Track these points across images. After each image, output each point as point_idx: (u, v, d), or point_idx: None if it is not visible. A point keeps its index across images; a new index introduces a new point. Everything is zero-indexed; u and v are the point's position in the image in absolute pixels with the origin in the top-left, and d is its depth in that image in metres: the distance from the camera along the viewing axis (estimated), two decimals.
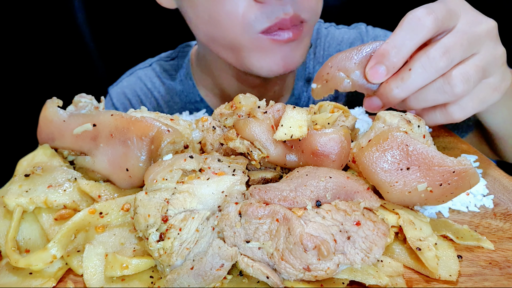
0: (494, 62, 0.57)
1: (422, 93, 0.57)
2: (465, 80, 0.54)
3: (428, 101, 0.58)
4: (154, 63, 1.22)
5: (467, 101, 0.58)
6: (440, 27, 0.54)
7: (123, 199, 0.50)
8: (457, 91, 0.55)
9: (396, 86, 0.56)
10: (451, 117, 0.59)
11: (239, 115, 0.57)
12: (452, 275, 0.42)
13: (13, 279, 0.44)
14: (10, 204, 0.49)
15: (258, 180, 0.53)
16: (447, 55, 0.54)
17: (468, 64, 0.55)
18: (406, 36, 0.54)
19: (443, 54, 0.53)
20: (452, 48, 0.54)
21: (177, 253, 0.41)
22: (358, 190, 0.46)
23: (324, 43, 1.12)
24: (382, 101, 0.60)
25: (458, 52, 0.54)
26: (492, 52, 0.56)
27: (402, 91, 0.56)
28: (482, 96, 0.58)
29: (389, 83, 0.57)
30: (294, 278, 0.41)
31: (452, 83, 0.55)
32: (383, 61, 0.55)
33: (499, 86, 0.58)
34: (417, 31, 0.53)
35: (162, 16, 1.15)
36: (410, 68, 0.55)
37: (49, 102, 0.59)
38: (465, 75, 0.54)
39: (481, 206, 0.56)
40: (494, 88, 0.58)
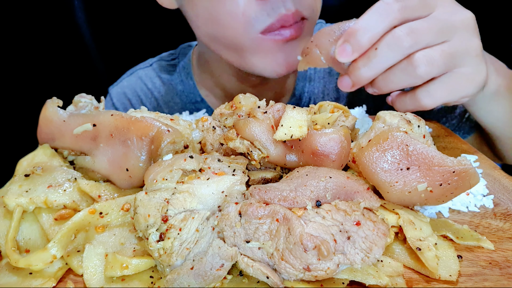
0: (467, 52, 0.57)
1: (389, 74, 0.57)
2: (429, 62, 0.55)
3: (394, 83, 0.58)
4: (155, 63, 1.22)
5: (436, 88, 0.58)
6: (409, 14, 0.55)
7: (123, 199, 0.50)
8: (419, 72, 0.55)
9: (363, 64, 0.57)
10: (420, 103, 0.60)
11: (239, 115, 0.57)
12: (452, 275, 0.42)
13: (13, 279, 0.44)
14: (10, 204, 0.49)
15: (258, 180, 0.53)
16: (412, 35, 0.54)
17: (434, 49, 0.55)
18: (373, 18, 0.55)
19: (408, 34, 0.54)
20: (418, 31, 0.54)
21: (177, 253, 0.41)
22: (358, 190, 0.46)
23: None
24: (351, 80, 0.60)
25: (425, 36, 0.55)
26: (465, 42, 0.56)
27: (369, 70, 0.57)
28: (453, 85, 0.58)
29: (357, 61, 0.57)
30: (294, 278, 0.41)
31: (414, 64, 0.55)
32: (350, 40, 0.56)
33: (473, 78, 0.58)
34: (384, 16, 0.54)
35: (163, 16, 1.15)
36: (376, 48, 0.56)
37: (49, 102, 0.59)
38: (429, 58, 0.55)
39: (481, 206, 0.56)
40: (468, 79, 0.58)
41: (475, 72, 0.58)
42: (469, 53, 0.57)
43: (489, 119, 0.77)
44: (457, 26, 0.56)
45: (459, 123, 0.96)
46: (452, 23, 0.56)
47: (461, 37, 0.57)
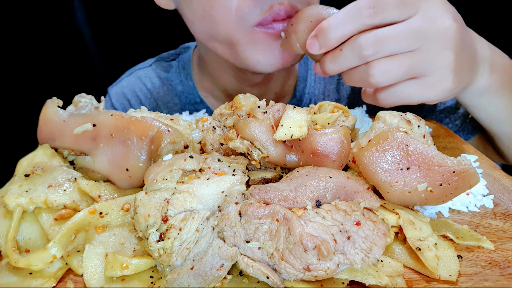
0: (432, 63, 0.57)
1: (350, 73, 0.60)
2: (383, 73, 0.57)
3: (354, 82, 0.61)
4: (154, 63, 1.22)
5: (395, 91, 0.60)
6: (381, 20, 0.55)
7: (123, 199, 0.50)
8: (372, 81, 0.57)
9: (329, 60, 0.60)
10: (378, 102, 0.63)
11: (239, 115, 0.57)
12: (452, 275, 0.42)
13: (13, 279, 0.44)
14: (10, 204, 0.49)
15: (258, 180, 0.53)
16: (375, 45, 0.55)
17: (394, 59, 0.56)
18: (344, 20, 0.56)
19: (372, 43, 0.55)
20: (383, 40, 0.55)
21: (177, 253, 0.41)
22: (358, 190, 0.46)
23: None
24: (321, 69, 0.63)
25: (389, 45, 0.55)
26: (432, 54, 0.56)
27: (334, 66, 0.60)
28: (411, 91, 0.59)
29: (326, 55, 0.60)
30: (294, 278, 0.41)
31: (370, 72, 0.57)
32: (319, 36, 0.59)
33: (435, 87, 0.59)
34: (354, 19, 0.56)
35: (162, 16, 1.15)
36: (341, 49, 0.58)
37: (49, 102, 0.59)
38: (384, 69, 0.56)
39: (481, 206, 0.56)
40: (429, 87, 0.59)
41: (438, 82, 0.59)
42: (434, 64, 0.57)
43: (483, 115, 0.77)
44: (430, 36, 0.56)
45: (462, 124, 0.96)
46: (425, 32, 0.56)
47: (431, 48, 0.57)
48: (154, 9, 0.98)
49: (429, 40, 0.56)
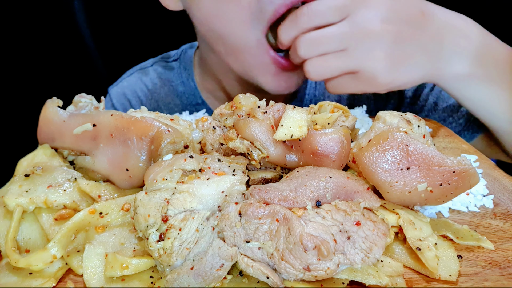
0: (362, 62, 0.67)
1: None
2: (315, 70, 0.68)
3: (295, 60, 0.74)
4: (156, 64, 1.21)
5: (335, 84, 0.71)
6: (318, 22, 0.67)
7: (123, 199, 0.50)
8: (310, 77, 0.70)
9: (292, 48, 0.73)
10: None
11: (239, 115, 0.57)
12: (452, 275, 0.42)
13: (13, 279, 0.44)
14: (10, 204, 0.49)
15: (258, 180, 0.53)
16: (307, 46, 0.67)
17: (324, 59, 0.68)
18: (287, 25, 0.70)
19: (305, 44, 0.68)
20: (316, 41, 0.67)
21: (177, 253, 0.41)
22: (358, 190, 0.46)
23: None
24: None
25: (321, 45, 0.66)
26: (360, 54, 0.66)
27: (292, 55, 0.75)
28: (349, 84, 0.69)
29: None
30: (294, 278, 0.41)
31: (306, 69, 0.69)
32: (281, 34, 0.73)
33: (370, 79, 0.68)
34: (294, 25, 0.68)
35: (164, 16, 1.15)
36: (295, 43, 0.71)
37: (49, 102, 0.59)
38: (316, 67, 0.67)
39: (481, 206, 0.56)
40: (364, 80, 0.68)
41: (371, 77, 0.67)
42: (364, 62, 0.65)
43: (473, 106, 0.78)
44: (357, 38, 0.64)
45: (467, 122, 0.95)
46: (352, 34, 0.64)
47: (359, 48, 0.65)
48: (155, 9, 0.98)
49: (356, 41, 0.65)
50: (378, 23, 0.64)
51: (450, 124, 0.96)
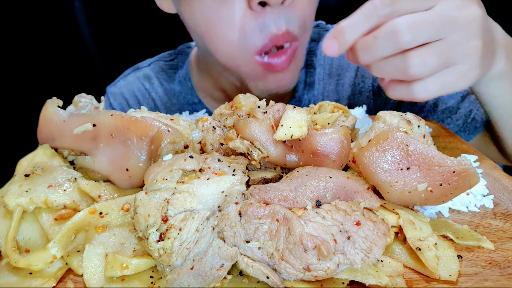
0: (463, 52, 0.56)
1: (383, 64, 0.57)
2: (423, 64, 0.54)
3: (387, 74, 0.58)
4: (153, 63, 1.22)
5: (430, 83, 0.57)
6: (402, 9, 0.54)
7: (123, 199, 0.50)
8: (412, 73, 0.55)
9: (361, 50, 0.57)
10: (414, 96, 0.58)
11: (239, 115, 0.57)
12: (452, 275, 0.42)
13: (13, 279, 0.44)
14: (10, 204, 0.49)
15: (258, 180, 0.53)
16: (413, 31, 0.53)
17: (430, 49, 0.54)
18: (360, 20, 0.55)
19: (408, 29, 0.53)
20: (420, 26, 0.53)
21: (177, 253, 0.41)
22: (358, 190, 0.46)
23: None
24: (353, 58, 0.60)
25: (425, 31, 0.53)
26: (463, 42, 0.55)
27: (367, 57, 0.57)
28: (447, 80, 0.57)
29: (358, 44, 0.57)
30: (294, 278, 0.41)
31: (408, 63, 0.54)
32: (337, 37, 0.56)
33: (465, 76, 0.57)
34: (371, 19, 0.54)
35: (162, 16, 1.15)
36: (375, 37, 0.55)
37: (49, 102, 0.59)
38: (423, 60, 0.54)
39: (481, 206, 0.56)
40: (461, 76, 0.57)
41: (468, 70, 0.57)
42: (465, 53, 0.56)
43: (494, 104, 0.75)
44: (460, 23, 0.55)
45: (464, 124, 0.96)
46: (454, 19, 0.54)
47: (461, 36, 0.55)
48: (153, 10, 0.99)
49: (458, 28, 0.55)
50: (477, 8, 0.56)
51: (448, 125, 0.97)
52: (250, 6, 0.74)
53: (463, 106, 0.95)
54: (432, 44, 0.54)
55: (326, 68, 1.10)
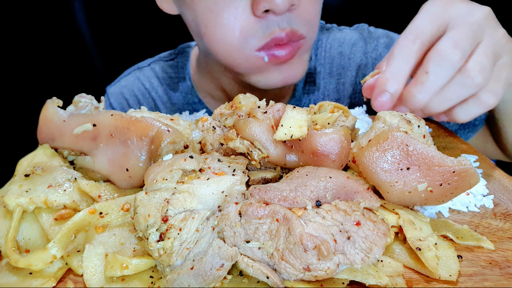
0: (500, 44, 0.58)
1: (445, 93, 0.58)
2: (482, 69, 0.56)
3: (452, 99, 0.59)
4: (153, 63, 1.22)
5: (494, 85, 0.59)
6: (429, 40, 0.57)
7: (123, 199, 0.50)
8: (478, 82, 0.56)
9: (418, 91, 0.58)
10: (487, 104, 0.59)
11: (239, 115, 0.57)
12: (452, 275, 0.42)
13: (13, 279, 0.44)
14: (10, 204, 0.49)
15: (258, 180, 0.53)
16: (458, 48, 0.55)
17: (479, 54, 0.56)
18: (400, 63, 0.58)
19: (455, 48, 0.55)
20: (460, 40, 0.55)
21: (177, 253, 0.41)
22: (358, 190, 0.46)
23: (325, 44, 1.12)
24: (408, 107, 0.61)
25: (467, 42, 0.55)
26: (494, 35, 0.58)
27: (425, 94, 0.57)
28: (504, 76, 0.59)
29: (410, 90, 0.58)
30: (294, 278, 0.41)
31: (471, 75, 0.55)
32: (385, 90, 0.58)
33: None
34: (409, 58, 0.57)
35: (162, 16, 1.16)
36: (426, 71, 0.56)
37: (49, 102, 0.59)
38: (480, 65, 0.56)
39: (481, 206, 0.56)
40: (510, 65, 0.60)
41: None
42: (502, 44, 0.59)
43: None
44: (482, 23, 0.57)
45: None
46: (477, 22, 0.57)
47: (490, 32, 0.58)
48: (153, 10, 0.99)
49: (484, 27, 0.58)
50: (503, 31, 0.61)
51: (447, 123, 0.97)
52: (254, 13, 0.74)
53: None
54: (476, 49, 0.57)
55: (326, 67, 1.10)
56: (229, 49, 0.80)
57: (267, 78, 0.84)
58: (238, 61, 0.82)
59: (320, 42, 1.12)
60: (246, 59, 0.80)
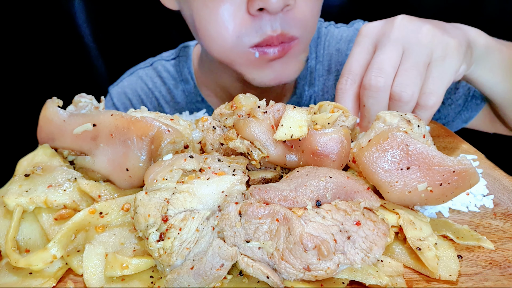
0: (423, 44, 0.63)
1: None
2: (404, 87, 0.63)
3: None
4: (155, 63, 1.22)
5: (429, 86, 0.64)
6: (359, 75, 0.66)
7: (123, 199, 0.50)
8: (407, 99, 0.62)
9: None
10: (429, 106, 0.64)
11: (239, 115, 0.57)
12: (452, 275, 0.42)
13: (13, 279, 0.44)
14: (10, 204, 0.49)
15: (258, 180, 0.53)
16: (381, 74, 0.62)
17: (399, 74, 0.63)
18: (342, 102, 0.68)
19: (377, 76, 0.62)
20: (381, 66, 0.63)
21: (177, 253, 0.41)
22: (358, 190, 0.46)
23: (324, 42, 1.13)
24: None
25: (388, 65, 0.63)
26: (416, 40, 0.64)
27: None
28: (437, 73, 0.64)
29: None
30: (294, 278, 0.41)
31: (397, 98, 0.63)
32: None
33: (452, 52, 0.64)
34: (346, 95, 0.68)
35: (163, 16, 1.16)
36: (363, 105, 0.65)
37: (49, 102, 0.59)
38: (401, 85, 0.63)
39: (481, 206, 0.56)
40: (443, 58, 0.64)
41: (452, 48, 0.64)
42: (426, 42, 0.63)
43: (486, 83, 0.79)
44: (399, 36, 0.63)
45: (465, 103, 0.98)
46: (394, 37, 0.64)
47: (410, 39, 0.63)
48: (154, 9, 0.99)
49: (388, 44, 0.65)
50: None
51: (450, 106, 0.98)
52: (248, 11, 0.75)
53: (461, 85, 0.98)
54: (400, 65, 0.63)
55: (325, 64, 1.12)
56: (223, 46, 0.81)
57: (261, 75, 0.86)
58: (231, 57, 0.83)
59: (319, 40, 1.13)
60: (239, 56, 0.82)
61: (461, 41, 0.65)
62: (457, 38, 0.65)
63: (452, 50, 0.64)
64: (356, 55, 0.67)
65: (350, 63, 0.67)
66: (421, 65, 0.62)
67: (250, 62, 0.83)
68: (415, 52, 0.62)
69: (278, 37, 0.78)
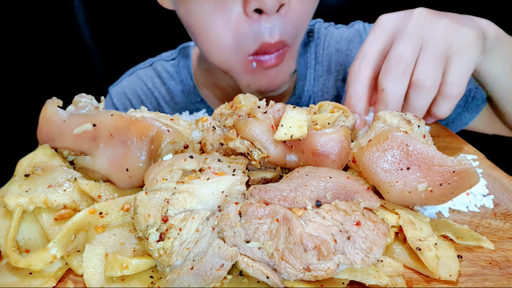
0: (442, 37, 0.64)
1: (411, 104, 0.66)
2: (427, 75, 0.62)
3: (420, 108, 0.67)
4: (155, 63, 1.22)
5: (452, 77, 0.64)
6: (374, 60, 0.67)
7: (123, 199, 0.50)
8: (429, 86, 0.63)
9: (383, 108, 0.65)
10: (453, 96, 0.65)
11: (239, 115, 0.57)
12: (452, 275, 0.42)
13: (13, 279, 0.44)
14: (10, 204, 0.49)
15: (258, 180, 0.53)
16: (401, 61, 0.63)
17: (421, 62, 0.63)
18: (355, 85, 0.67)
19: (398, 62, 0.63)
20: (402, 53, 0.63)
21: (177, 253, 0.41)
22: (358, 190, 0.46)
23: (323, 42, 1.13)
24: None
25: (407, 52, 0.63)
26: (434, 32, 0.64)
27: (390, 108, 0.65)
28: (458, 64, 0.64)
29: (377, 109, 0.66)
30: (294, 278, 0.41)
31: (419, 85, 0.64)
32: (353, 111, 0.67)
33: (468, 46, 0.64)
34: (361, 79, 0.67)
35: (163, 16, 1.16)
36: (383, 88, 0.65)
37: (49, 102, 0.59)
38: (423, 73, 0.63)
39: (481, 206, 0.56)
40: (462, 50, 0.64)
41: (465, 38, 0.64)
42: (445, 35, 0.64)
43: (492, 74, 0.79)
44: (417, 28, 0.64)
45: (466, 103, 0.98)
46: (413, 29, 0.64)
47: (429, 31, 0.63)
48: (154, 9, 0.99)
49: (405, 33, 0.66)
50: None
51: None
52: (246, 13, 0.75)
53: None
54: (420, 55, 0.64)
55: (324, 64, 1.12)
56: (222, 51, 0.81)
57: (255, 82, 0.88)
58: (231, 64, 0.84)
59: (319, 40, 1.13)
60: (237, 64, 0.83)
61: (479, 32, 0.66)
62: (475, 29, 0.65)
63: (472, 41, 0.64)
64: (372, 40, 0.67)
65: (365, 48, 0.67)
66: (440, 57, 0.63)
67: (248, 71, 0.85)
68: (434, 44, 0.63)
69: (276, 44, 0.79)
